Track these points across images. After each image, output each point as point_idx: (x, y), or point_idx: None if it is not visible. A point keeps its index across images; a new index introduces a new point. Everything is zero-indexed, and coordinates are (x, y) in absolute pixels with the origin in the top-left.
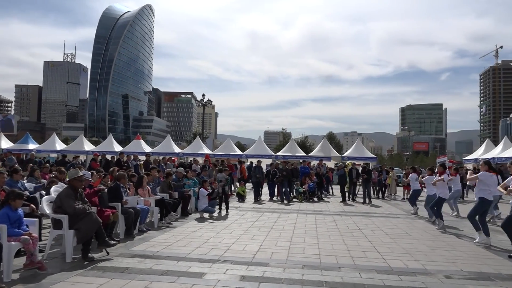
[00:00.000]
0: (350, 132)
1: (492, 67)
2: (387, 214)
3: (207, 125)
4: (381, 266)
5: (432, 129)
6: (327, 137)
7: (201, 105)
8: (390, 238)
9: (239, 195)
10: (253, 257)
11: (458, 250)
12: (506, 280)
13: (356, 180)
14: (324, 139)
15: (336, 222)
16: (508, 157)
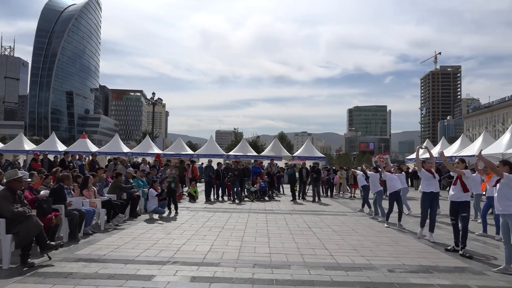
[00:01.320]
0: (301, 132)
1: (432, 71)
2: (335, 212)
3: (157, 124)
4: (329, 263)
5: (377, 129)
6: (278, 137)
7: (151, 103)
8: (338, 235)
9: (191, 195)
10: (204, 258)
11: (401, 245)
12: (443, 272)
13: (306, 179)
14: (275, 139)
15: (286, 221)
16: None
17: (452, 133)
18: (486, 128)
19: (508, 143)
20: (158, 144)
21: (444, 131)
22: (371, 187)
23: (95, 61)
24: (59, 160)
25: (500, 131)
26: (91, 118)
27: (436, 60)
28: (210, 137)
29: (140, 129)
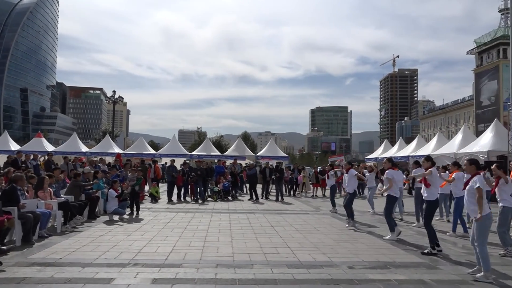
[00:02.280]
0: (264, 132)
1: (390, 74)
2: (297, 211)
3: (118, 123)
4: (292, 261)
5: (339, 130)
6: (242, 136)
7: (112, 101)
8: (300, 234)
9: (152, 195)
10: (165, 259)
11: (360, 242)
12: (399, 267)
13: (269, 178)
14: (239, 138)
15: (249, 220)
16: (403, 156)
17: (409, 133)
18: (440, 129)
19: (460, 143)
20: (118, 143)
21: (402, 132)
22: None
23: (52, 57)
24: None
25: (453, 131)
26: (47, 116)
27: (395, 63)
28: (173, 136)
29: (100, 128)
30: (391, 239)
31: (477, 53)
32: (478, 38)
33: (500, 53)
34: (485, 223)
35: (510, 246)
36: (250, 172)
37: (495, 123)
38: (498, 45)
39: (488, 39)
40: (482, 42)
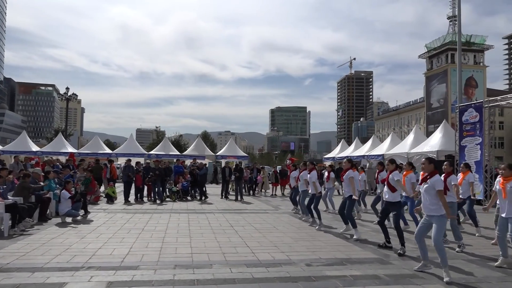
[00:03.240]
0: (224, 132)
1: (347, 75)
2: (257, 210)
3: (72, 121)
4: (251, 260)
5: (298, 130)
6: (202, 136)
7: (65, 99)
8: (259, 233)
9: (108, 196)
10: (121, 261)
11: (318, 240)
12: (355, 263)
13: (229, 178)
14: (198, 138)
15: (209, 220)
16: (359, 156)
17: (365, 134)
18: (394, 129)
19: (412, 143)
20: (72, 142)
21: (358, 132)
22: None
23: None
24: None
25: (406, 132)
26: None
27: (351, 65)
28: (130, 135)
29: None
30: (358, 237)
31: (428, 57)
32: (429, 43)
33: (448, 57)
34: (445, 220)
35: (462, 239)
36: (200, 172)
37: (443, 124)
38: (447, 50)
39: (438, 44)
40: (432, 47)
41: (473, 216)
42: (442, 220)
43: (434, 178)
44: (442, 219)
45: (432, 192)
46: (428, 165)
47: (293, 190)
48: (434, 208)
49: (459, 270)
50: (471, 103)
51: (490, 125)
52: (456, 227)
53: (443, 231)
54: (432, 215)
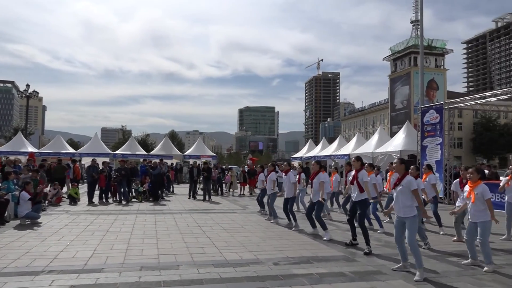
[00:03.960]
0: (192, 131)
1: (315, 76)
2: (225, 210)
3: (32, 119)
4: (218, 260)
5: (266, 129)
6: (169, 135)
7: (25, 96)
8: (227, 233)
9: (71, 197)
10: (85, 264)
11: (285, 239)
12: (321, 261)
13: (197, 178)
14: (165, 137)
15: (176, 221)
16: (326, 155)
17: (332, 134)
18: (360, 129)
19: (376, 143)
20: (33, 141)
21: (325, 132)
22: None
23: None
24: None
25: (371, 132)
26: None
27: (319, 66)
28: (95, 134)
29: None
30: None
31: (392, 60)
32: (393, 46)
33: (411, 60)
34: (417, 221)
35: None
36: (154, 171)
37: (406, 125)
38: (410, 53)
39: (401, 47)
40: (396, 50)
41: (437, 216)
42: (414, 221)
43: (406, 179)
44: (414, 220)
45: (407, 193)
46: (399, 166)
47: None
48: (407, 209)
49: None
50: (432, 105)
51: (449, 126)
52: (421, 227)
53: (416, 232)
54: (405, 216)
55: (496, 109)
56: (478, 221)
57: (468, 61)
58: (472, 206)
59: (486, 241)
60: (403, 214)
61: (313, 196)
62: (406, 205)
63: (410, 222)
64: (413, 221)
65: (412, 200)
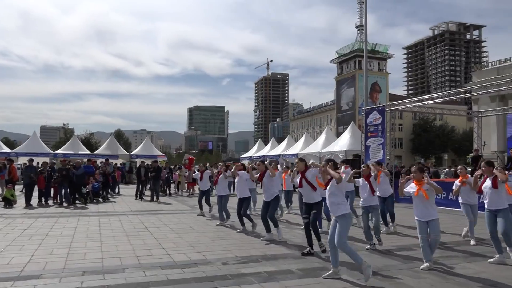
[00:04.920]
0: (140, 130)
1: (264, 77)
2: (173, 210)
3: None
4: (166, 262)
5: (216, 129)
6: (115, 134)
7: None
8: (175, 234)
9: (7, 199)
10: (21, 271)
11: (234, 239)
12: (270, 259)
13: (144, 178)
14: (111, 136)
15: (122, 223)
16: (275, 155)
17: (281, 134)
18: (307, 130)
19: (323, 143)
20: None
21: (274, 132)
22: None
23: None
24: None
25: (318, 132)
26: None
27: (268, 67)
28: (33, 133)
29: None
30: (280, 238)
31: (338, 62)
32: (339, 49)
33: (356, 64)
34: (348, 221)
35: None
36: (77, 171)
37: (351, 126)
38: (355, 56)
39: (347, 50)
40: (342, 53)
41: (392, 214)
42: (345, 220)
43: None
44: (345, 219)
45: (333, 190)
46: (300, 163)
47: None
48: (335, 207)
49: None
50: (375, 106)
51: (391, 127)
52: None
53: (347, 232)
54: (337, 215)
55: (433, 111)
56: (428, 220)
57: (408, 66)
58: (425, 204)
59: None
60: (334, 213)
61: (265, 197)
62: (335, 203)
63: (340, 220)
64: (342, 220)
65: (341, 197)
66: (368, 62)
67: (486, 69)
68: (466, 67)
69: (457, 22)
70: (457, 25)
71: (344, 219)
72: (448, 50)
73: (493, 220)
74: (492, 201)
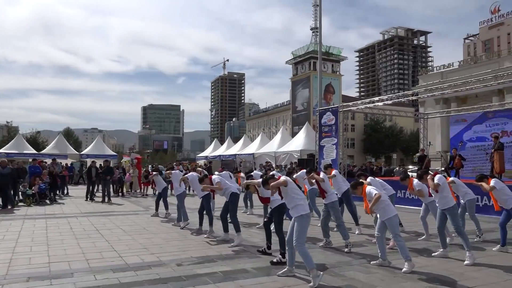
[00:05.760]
0: (91, 129)
1: (221, 76)
2: (126, 211)
3: None
4: (118, 265)
5: (171, 128)
6: (64, 133)
7: None
8: (128, 235)
9: None
10: None
11: (189, 239)
12: (225, 259)
13: (95, 178)
14: (60, 135)
15: (71, 225)
16: (231, 154)
17: (237, 133)
18: (263, 129)
19: (279, 143)
20: None
21: (230, 131)
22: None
23: None
24: None
25: (274, 132)
26: None
27: (225, 66)
28: None
29: None
30: (239, 243)
31: (294, 63)
32: (295, 50)
33: (311, 65)
34: (304, 221)
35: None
36: (3, 170)
37: (306, 126)
38: (310, 58)
39: (302, 52)
40: (297, 55)
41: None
42: (302, 220)
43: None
44: (303, 219)
45: (285, 193)
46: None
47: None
48: (292, 211)
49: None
50: (329, 107)
51: (344, 128)
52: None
53: (304, 232)
54: (295, 216)
55: (383, 112)
56: (384, 219)
57: (360, 68)
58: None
59: (397, 236)
60: (292, 214)
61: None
62: (290, 206)
63: (297, 221)
64: (299, 221)
65: (293, 200)
66: (322, 63)
67: (432, 73)
68: (413, 71)
69: (405, 27)
70: (405, 30)
71: (301, 219)
72: (397, 54)
73: (442, 217)
74: (439, 203)
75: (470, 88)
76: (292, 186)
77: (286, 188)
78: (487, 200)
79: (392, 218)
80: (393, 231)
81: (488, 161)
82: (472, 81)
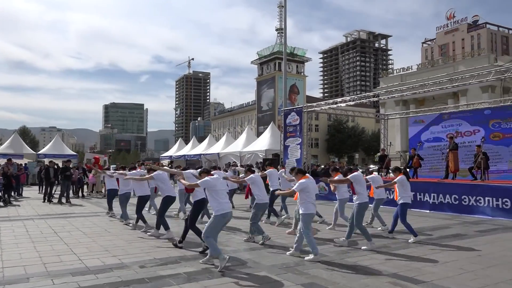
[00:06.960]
0: (49, 127)
1: (186, 75)
2: (87, 213)
3: None
4: (77, 268)
5: (134, 127)
6: (19, 132)
7: None
8: (88, 238)
9: None
10: None
11: (153, 240)
12: (189, 260)
13: (54, 179)
14: (15, 134)
15: (27, 228)
16: (196, 154)
17: (202, 133)
18: (229, 129)
19: (244, 143)
20: None
21: (195, 131)
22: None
23: None
24: None
25: (239, 132)
26: None
27: (190, 65)
28: None
29: None
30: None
31: (259, 64)
32: (260, 50)
33: (276, 65)
34: (214, 219)
35: (252, 234)
36: None
37: (271, 126)
38: (275, 59)
39: (267, 52)
40: (262, 55)
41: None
42: (212, 218)
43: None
44: (213, 217)
45: (209, 194)
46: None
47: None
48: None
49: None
50: (293, 108)
51: (308, 128)
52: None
53: (211, 228)
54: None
55: (345, 113)
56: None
57: (323, 70)
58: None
59: (307, 232)
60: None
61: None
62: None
63: (211, 218)
64: (212, 218)
65: (212, 200)
66: (287, 64)
67: (392, 75)
68: (374, 73)
69: (367, 30)
70: (367, 33)
71: (212, 217)
72: (359, 56)
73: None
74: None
75: (427, 90)
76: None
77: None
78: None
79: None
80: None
81: (443, 161)
82: (430, 84)
